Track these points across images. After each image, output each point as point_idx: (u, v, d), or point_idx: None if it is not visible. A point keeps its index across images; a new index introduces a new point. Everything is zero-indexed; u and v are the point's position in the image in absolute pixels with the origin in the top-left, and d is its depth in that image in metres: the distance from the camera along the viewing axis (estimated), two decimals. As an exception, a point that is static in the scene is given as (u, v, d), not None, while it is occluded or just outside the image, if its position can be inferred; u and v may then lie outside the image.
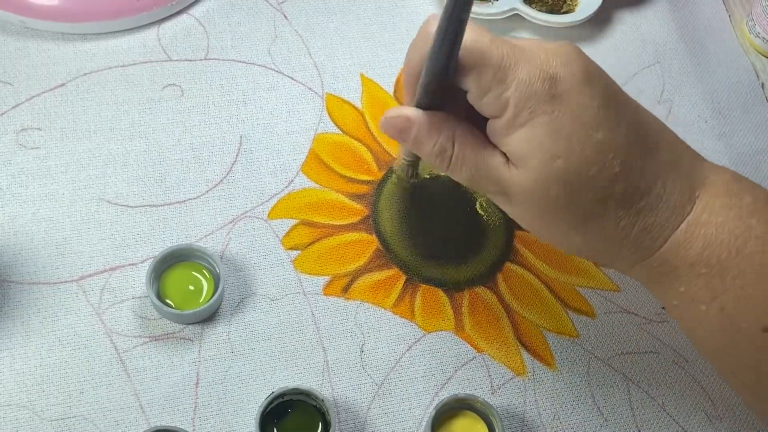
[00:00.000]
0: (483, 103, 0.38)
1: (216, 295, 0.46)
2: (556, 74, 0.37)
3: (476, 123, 0.40)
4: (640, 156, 0.39)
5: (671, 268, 0.40)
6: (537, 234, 0.42)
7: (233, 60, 0.56)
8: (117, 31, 0.56)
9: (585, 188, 0.38)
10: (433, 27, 0.37)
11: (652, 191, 0.39)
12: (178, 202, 0.51)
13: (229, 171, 0.52)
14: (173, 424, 0.44)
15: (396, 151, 0.54)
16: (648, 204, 0.39)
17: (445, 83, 0.38)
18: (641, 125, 0.40)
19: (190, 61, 0.56)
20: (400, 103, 0.56)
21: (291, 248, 0.50)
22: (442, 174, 0.51)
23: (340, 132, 0.55)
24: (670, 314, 0.43)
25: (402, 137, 0.40)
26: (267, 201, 0.51)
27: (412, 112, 0.40)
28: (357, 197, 0.52)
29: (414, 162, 0.46)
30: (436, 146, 0.40)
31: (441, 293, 0.50)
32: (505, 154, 0.39)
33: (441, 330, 0.49)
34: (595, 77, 0.39)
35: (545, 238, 0.41)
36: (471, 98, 0.39)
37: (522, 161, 0.38)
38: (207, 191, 0.51)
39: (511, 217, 0.42)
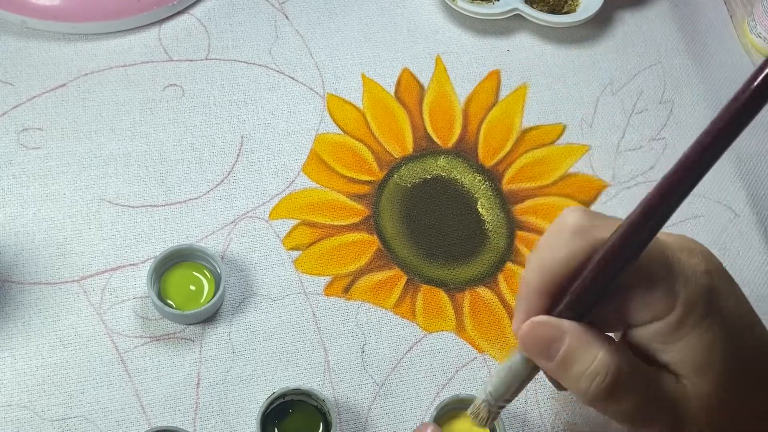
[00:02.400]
0: (647, 302, 0.33)
1: (217, 296, 0.46)
2: (708, 269, 0.33)
3: None
4: None
5: None
6: None
7: (234, 60, 0.56)
8: (118, 31, 0.56)
9: (759, 387, 0.34)
10: (575, 220, 0.33)
11: None
12: (179, 202, 0.51)
13: (230, 171, 0.52)
14: (174, 425, 0.44)
15: (399, 152, 0.54)
16: None
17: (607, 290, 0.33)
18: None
19: (191, 61, 0.56)
20: (402, 103, 0.56)
21: (292, 248, 0.50)
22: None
23: (341, 132, 0.54)
24: None
25: (547, 353, 0.34)
26: (268, 201, 0.51)
27: (563, 321, 0.33)
28: (358, 197, 0.52)
29: (501, 408, 0.39)
30: (592, 366, 0.33)
31: (442, 293, 0.50)
32: (664, 367, 0.34)
33: (442, 330, 0.49)
34: (727, 271, 0.35)
35: None
36: (632, 299, 0.33)
37: (700, 370, 0.33)
38: (208, 191, 0.51)
39: None
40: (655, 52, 0.61)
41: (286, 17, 0.58)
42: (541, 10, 0.59)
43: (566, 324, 0.34)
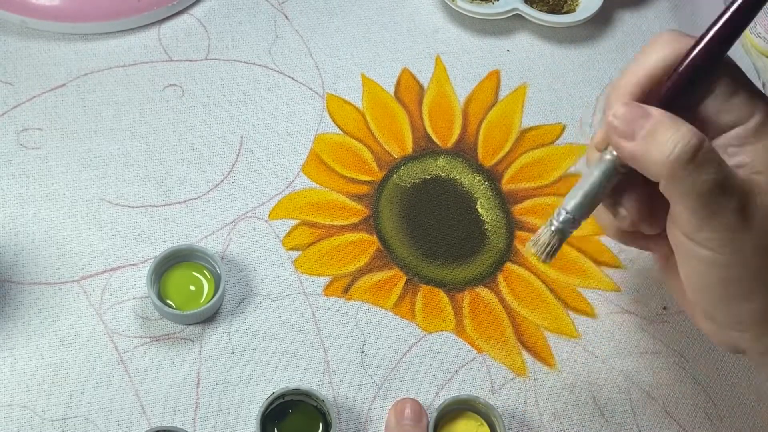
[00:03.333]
0: (730, 107, 0.36)
1: (217, 296, 0.46)
2: None
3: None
4: None
5: None
6: (736, 289, 0.36)
7: (234, 60, 0.56)
8: (118, 31, 0.56)
9: None
10: (668, 34, 0.37)
11: None
12: (179, 202, 0.51)
13: (230, 171, 0.52)
14: (174, 425, 0.44)
15: (399, 152, 0.54)
16: None
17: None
18: None
19: (191, 61, 0.56)
20: (401, 103, 0.56)
21: (292, 249, 0.50)
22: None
23: (340, 132, 0.55)
24: None
25: (634, 128, 0.35)
26: (268, 201, 0.51)
27: (651, 107, 0.36)
28: (358, 197, 0.52)
29: (567, 226, 0.39)
30: (679, 132, 0.34)
31: (442, 293, 0.50)
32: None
33: (441, 330, 0.49)
34: None
35: (745, 292, 0.36)
36: (715, 101, 0.36)
37: None
38: (208, 191, 0.51)
39: (722, 257, 0.35)
40: (655, 52, 0.61)
41: (286, 17, 0.58)
42: (540, 10, 0.59)
43: (653, 108, 0.36)
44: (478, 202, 0.53)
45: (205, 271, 0.48)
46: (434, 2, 0.61)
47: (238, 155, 0.53)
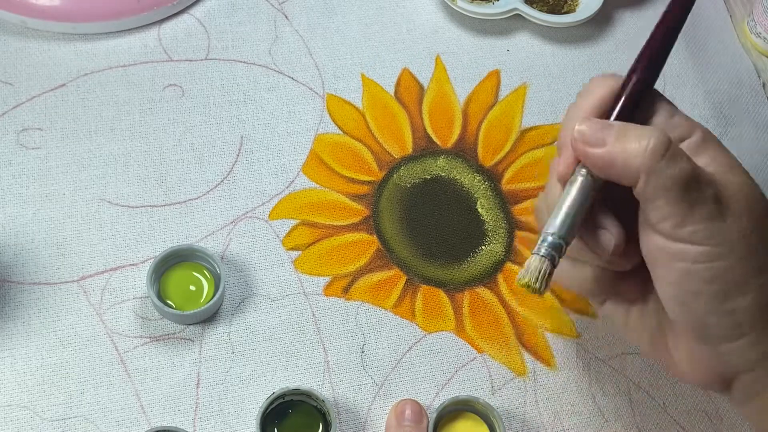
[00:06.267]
0: (673, 123, 0.38)
1: (217, 296, 0.46)
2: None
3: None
4: None
5: None
6: (713, 280, 0.36)
7: (234, 60, 0.56)
8: (118, 32, 0.56)
9: None
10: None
11: None
12: (179, 202, 0.51)
13: (230, 171, 0.52)
14: (174, 425, 0.44)
15: (399, 152, 0.54)
16: None
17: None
18: None
19: (191, 61, 0.56)
20: (401, 103, 0.56)
21: (292, 249, 0.50)
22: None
23: (340, 132, 0.55)
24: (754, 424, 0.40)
25: (601, 135, 0.36)
26: (268, 201, 0.51)
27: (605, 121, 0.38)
28: (358, 197, 0.52)
29: (556, 250, 0.37)
30: (649, 129, 0.36)
31: (442, 293, 0.50)
32: None
33: (441, 330, 0.49)
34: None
35: (719, 280, 0.36)
36: (659, 119, 0.39)
37: (731, 166, 0.38)
38: (208, 191, 0.51)
39: (699, 251, 0.35)
40: (655, 52, 0.61)
41: (286, 17, 0.58)
42: (540, 10, 0.59)
43: (612, 121, 0.38)
44: (478, 202, 0.53)
45: (205, 271, 0.48)
46: (434, 2, 0.61)
47: (238, 155, 0.53)
